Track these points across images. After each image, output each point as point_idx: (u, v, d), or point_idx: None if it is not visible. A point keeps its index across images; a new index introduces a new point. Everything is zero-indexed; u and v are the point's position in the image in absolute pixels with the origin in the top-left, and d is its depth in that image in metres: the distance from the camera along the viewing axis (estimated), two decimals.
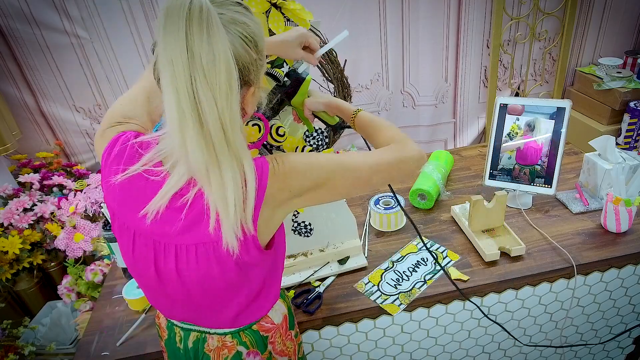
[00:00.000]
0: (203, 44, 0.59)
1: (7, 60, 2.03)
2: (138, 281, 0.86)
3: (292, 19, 0.99)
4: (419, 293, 1.18)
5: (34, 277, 1.91)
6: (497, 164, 1.43)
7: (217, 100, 0.61)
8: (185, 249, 0.74)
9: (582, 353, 1.47)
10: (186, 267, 0.75)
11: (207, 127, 0.63)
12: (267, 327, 0.88)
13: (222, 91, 0.62)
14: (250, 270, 0.78)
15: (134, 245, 0.77)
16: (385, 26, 2.26)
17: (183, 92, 0.61)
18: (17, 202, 1.81)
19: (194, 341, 0.88)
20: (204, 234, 0.72)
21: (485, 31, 2.35)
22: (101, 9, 1.99)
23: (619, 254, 1.23)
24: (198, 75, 0.60)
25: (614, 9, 2.43)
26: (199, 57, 0.59)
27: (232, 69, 0.62)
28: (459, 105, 2.56)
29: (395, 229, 1.41)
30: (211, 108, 0.61)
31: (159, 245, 0.75)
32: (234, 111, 0.64)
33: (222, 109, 0.62)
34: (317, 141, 1.08)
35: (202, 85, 0.60)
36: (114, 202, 0.77)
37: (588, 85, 2.44)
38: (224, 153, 0.65)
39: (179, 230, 0.73)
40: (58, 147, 2.25)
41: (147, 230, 0.75)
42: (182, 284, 0.77)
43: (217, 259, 0.73)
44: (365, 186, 0.83)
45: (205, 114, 0.62)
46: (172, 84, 0.61)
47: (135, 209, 0.74)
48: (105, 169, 0.77)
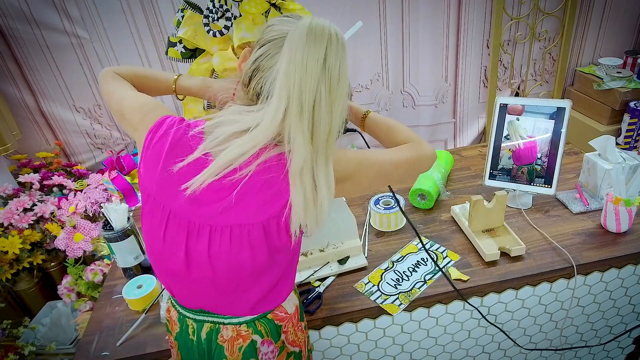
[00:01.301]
0: (337, 62, 0.73)
1: (7, 60, 2.03)
2: (160, 267, 0.86)
3: None
4: (419, 293, 1.18)
5: (34, 277, 1.91)
6: (497, 164, 1.43)
7: (333, 108, 0.72)
8: (220, 230, 0.77)
9: (582, 353, 1.47)
10: (218, 249, 0.77)
11: (318, 127, 0.72)
12: (281, 316, 0.89)
13: (340, 103, 0.73)
14: (278, 254, 0.81)
15: (167, 226, 0.79)
16: (385, 26, 2.26)
17: (307, 90, 0.70)
18: (17, 202, 1.81)
19: (208, 332, 0.88)
20: (240, 216, 0.76)
21: (485, 31, 2.35)
22: (101, 9, 1.99)
23: (619, 254, 1.23)
24: (325, 82, 0.71)
25: (614, 9, 2.43)
26: (330, 69, 0.72)
27: (347, 89, 0.75)
28: (459, 105, 2.56)
29: (395, 229, 1.41)
30: (328, 112, 0.72)
31: (192, 225, 0.77)
32: (341, 121, 0.75)
33: (335, 117, 0.73)
34: None
35: (325, 92, 0.71)
36: (153, 183, 0.78)
37: (588, 85, 2.44)
38: (322, 154, 0.73)
39: (216, 211, 0.76)
40: (58, 147, 2.25)
41: (184, 210, 0.77)
42: (210, 266, 0.79)
43: (250, 242, 0.77)
44: (385, 180, 0.91)
45: (321, 113, 0.71)
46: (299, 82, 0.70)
47: (175, 188, 0.76)
48: (148, 151, 0.79)
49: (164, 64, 2.18)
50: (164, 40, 2.10)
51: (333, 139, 0.75)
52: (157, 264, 0.87)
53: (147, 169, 0.80)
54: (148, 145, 0.80)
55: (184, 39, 1.15)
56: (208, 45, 1.14)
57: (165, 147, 0.77)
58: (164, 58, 2.15)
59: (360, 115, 1.04)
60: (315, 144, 0.72)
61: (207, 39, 1.13)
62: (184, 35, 1.13)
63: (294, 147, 0.72)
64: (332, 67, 0.72)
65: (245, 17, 0.95)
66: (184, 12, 1.14)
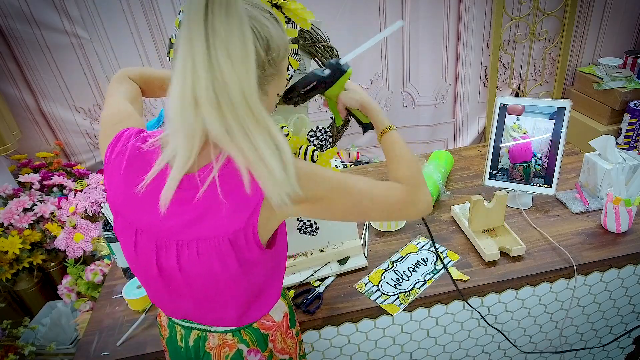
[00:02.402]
0: (222, 18, 0.60)
1: (7, 60, 2.03)
2: (140, 279, 0.86)
3: (293, 19, 0.99)
4: (419, 293, 1.18)
5: (34, 277, 1.91)
6: (497, 164, 1.43)
7: (236, 69, 0.62)
8: (187, 245, 0.74)
9: (582, 353, 1.47)
10: (188, 263, 0.75)
11: (228, 95, 0.63)
12: (267, 325, 0.88)
13: (240, 61, 0.62)
14: (252, 268, 0.77)
15: (136, 243, 0.77)
16: (385, 26, 2.26)
17: (203, 64, 0.61)
18: (17, 202, 1.81)
19: (195, 339, 0.88)
20: (206, 229, 0.72)
21: (485, 31, 2.35)
22: (101, 9, 1.99)
23: (619, 254, 1.23)
24: (218, 46, 0.61)
25: (614, 9, 2.43)
26: (218, 29, 0.60)
27: (247, 41, 0.63)
28: (459, 105, 2.56)
29: (395, 229, 1.41)
30: (230, 75, 0.62)
31: (160, 241, 0.75)
32: (252, 80, 0.64)
33: (241, 76, 0.62)
34: (320, 141, 1.08)
35: (222, 55, 0.61)
36: (118, 199, 0.77)
37: (588, 85, 2.44)
38: (250, 118, 0.64)
39: (180, 226, 0.73)
40: (58, 147, 2.25)
41: (151, 225, 0.75)
42: (185, 280, 0.77)
43: (219, 255, 0.73)
44: (361, 216, 0.81)
45: (225, 78, 0.62)
46: (189, 56, 0.62)
47: (139, 205, 0.74)
48: (109, 166, 0.77)
49: (164, 64, 2.18)
50: (164, 40, 2.10)
51: (255, 103, 0.65)
52: (137, 275, 0.85)
53: (110, 184, 0.77)
54: (108, 159, 0.77)
55: None
56: None
57: (124, 162, 0.75)
58: (164, 58, 2.15)
59: (381, 129, 0.94)
60: (230, 114, 0.64)
61: None
62: None
63: (208, 123, 0.64)
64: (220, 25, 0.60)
65: None
66: None
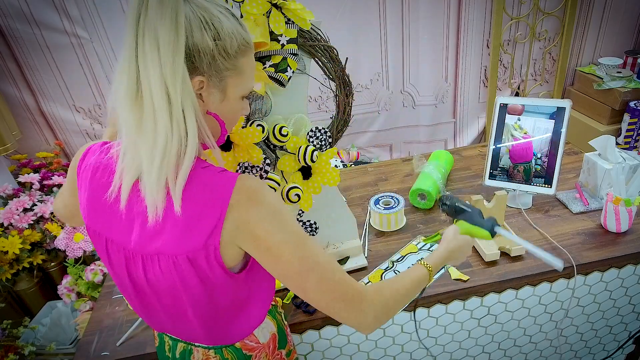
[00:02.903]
0: (154, 3, 0.59)
1: (7, 60, 2.03)
2: (121, 291, 0.84)
3: (292, 19, 0.99)
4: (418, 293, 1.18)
5: (34, 277, 1.91)
6: (497, 164, 1.43)
7: (160, 50, 0.60)
8: (150, 258, 0.71)
9: (582, 353, 1.47)
10: (153, 277, 0.72)
11: (147, 79, 0.61)
12: (251, 345, 0.85)
13: (166, 44, 0.60)
14: (216, 289, 0.73)
15: (108, 254, 0.76)
16: (385, 26, 2.26)
17: (129, 45, 0.61)
18: (17, 202, 1.81)
19: (181, 352, 0.87)
20: (166, 245, 0.68)
21: (485, 31, 2.35)
22: (101, 9, 1.99)
23: (619, 254, 1.23)
24: (147, 28, 0.59)
25: (614, 9, 2.43)
26: (150, 10, 0.59)
27: (179, 28, 0.60)
28: (459, 105, 2.56)
29: (395, 229, 1.41)
30: (154, 59, 0.60)
31: (128, 253, 0.73)
32: (177, 69, 0.61)
33: (164, 61, 0.60)
34: (320, 141, 1.08)
35: (148, 36, 0.59)
36: (85, 213, 0.76)
37: (588, 85, 2.44)
38: (162, 111, 0.61)
39: (144, 238, 0.70)
40: (58, 147, 2.25)
41: (118, 237, 0.73)
42: (155, 294, 0.75)
43: (179, 272, 0.70)
44: (298, 289, 0.71)
45: (147, 66, 0.60)
46: (123, 42, 0.62)
47: (106, 216, 0.73)
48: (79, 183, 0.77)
49: None
50: None
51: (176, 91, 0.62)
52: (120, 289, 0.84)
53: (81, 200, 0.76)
54: (79, 177, 0.77)
55: None
56: None
57: (89, 176, 0.74)
58: None
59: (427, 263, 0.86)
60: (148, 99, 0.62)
61: None
62: None
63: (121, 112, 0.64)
64: (150, 10, 0.59)
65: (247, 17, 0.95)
66: None
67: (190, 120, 0.64)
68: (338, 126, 1.23)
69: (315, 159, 1.07)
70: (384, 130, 2.59)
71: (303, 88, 1.10)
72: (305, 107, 1.13)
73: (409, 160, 1.76)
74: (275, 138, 1.04)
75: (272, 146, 1.08)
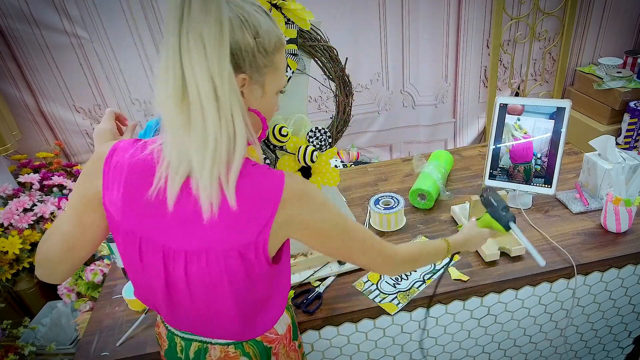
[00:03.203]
0: (199, 2, 0.59)
1: (7, 60, 2.03)
2: (143, 291, 0.84)
3: (292, 19, 0.99)
4: (418, 292, 1.18)
5: (34, 277, 1.91)
6: (497, 164, 1.43)
7: (207, 50, 0.60)
8: (196, 255, 0.72)
9: (582, 353, 1.47)
10: (195, 274, 0.73)
11: (194, 79, 0.61)
12: (271, 337, 0.87)
13: (213, 44, 0.60)
14: (258, 282, 0.77)
15: (141, 253, 0.75)
16: (385, 26, 2.26)
17: (173, 45, 0.60)
18: (17, 202, 1.81)
19: (195, 351, 0.87)
20: (215, 241, 0.70)
21: (485, 31, 2.35)
22: (101, 9, 1.99)
23: (619, 254, 1.23)
24: (191, 28, 0.59)
25: (614, 9, 2.43)
26: (193, 12, 0.59)
27: (224, 26, 0.61)
28: (459, 105, 2.56)
29: (395, 229, 1.41)
30: (200, 58, 0.60)
31: (168, 250, 0.73)
32: (224, 68, 0.62)
33: (211, 60, 0.60)
34: (320, 141, 1.08)
35: (193, 37, 0.59)
36: (117, 211, 0.74)
37: (588, 85, 2.44)
38: (211, 110, 0.62)
39: (189, 235, 0.71)
40: (58, 147, 2.25)
41: (156, 234, 0.73)
42: (191, 291, 0.76)
43: (227, 268, 0.72)
44: (347, 258, 0.87)
45: (193, 64, 0.60)
46: (165, 42, 0.61)
47: (143, 215, 0.72)
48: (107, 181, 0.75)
49: None
50: None
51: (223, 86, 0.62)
52: (140, 288, 0.84)
53: (110, 198, 0.75)
54: (107, 175, 0.75)
55: None
56: None
57: (124, 174, 0.72)
58: None
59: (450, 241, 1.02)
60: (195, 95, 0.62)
61: None
62: None
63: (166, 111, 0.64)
64: (195, 5, 0.59)
65: None
66: None
67: (238, 118, 0.65)
68: (338, 126, 1.23)
69: (315, 159, 1.07)
70: (384, 130, 2.59)
71: (303, 88, 1.11)
72: (305, 107, 1.13)
73: (409, 160, 1.77)
74: (275, 138, 1.04)
75: (272, 146, 1.08)
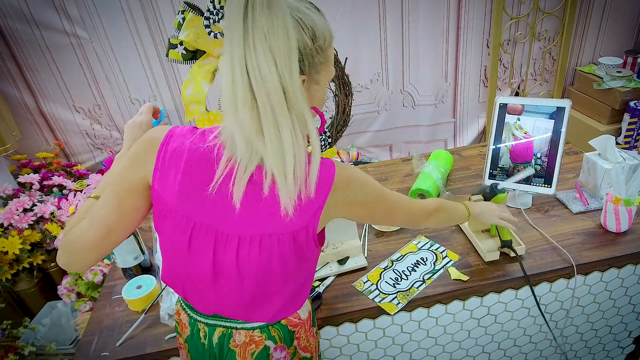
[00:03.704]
0: (263, 11, 0.61)
1: (7, 61, 2.03)
2: (182, 275, 0.84)
3: None
4: (418, 292, 1.18)
5: (34, 278, 1.92)
6: (496, 164, 1.43)
7: (277, 60, 0.62)
8: (249, 239, 0.76)
9: (582, 353, 1.47)
10: (247, 258, 0.76)
11: (264, 89, 0.63)
12: (294, 322, 0.89)
13: (282, 53, 0.62)
14: (305, 264, 0.82)
15: (191, 237, 0.77)
16: (385, 26, 2.26)
17: (239, 58, 0.62)
18: (17, 203, 1.81)
19: (220, 337, 0.88)
20: (270, 225, 0.74)
21: (485, 31, 2.35)
22: (101, 9, 1.99)
23: (618, 254, 1.23)
24: (257, 39, 0.61)
25: (614, 9, 2.43)
26: (259, 22, 0.61)
27: (290, 33, 0.63)
28: (458, 104, 2.56)
29: (395, 229, 1.41)
30: (270, 68, 0.62)
31: (220, 236, 0.76)
32: (294, 73, 0.64)
33: (282, 71, 0.63)
34: (320, 141, 1.08)
35: (261, 47, 0.61)
36: (172, 196, 0.76)
37: (588, 84, 2.44)
38: (284, 114, 0.65)
39: (245, 220, 0.74)
40: (58, 147, 2.25)
41: (211, 220, 0.76)
42: (239, 275, 0.79)
43: (280, 251, 0.76)
44: (389, 221, 1.07)
45: (264, 75, 0.62)
46: (228, 51, 0.63)
47: (199, 200, 0.75)
48: (164, 165, 0.76)
49: (164, 65, 2.18)
50: (164, 40, 2.10)
51: (295, 95, 0.65)
52: (177, 272, 0.85)
53: (164, 183, 0.76)
54: (163, 159, 0.76)
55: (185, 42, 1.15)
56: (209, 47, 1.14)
57: (183, 159, 0.75)
58: (164, 58, 2.15)
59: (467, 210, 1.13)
60: (267, 108, 0.64)
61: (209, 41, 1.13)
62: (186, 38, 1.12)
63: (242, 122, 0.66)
64: (260, 18, 0.61)
65: None
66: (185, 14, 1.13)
67: (310, 120, 0.68)
68: (338, 126, 1.23)
69: None
70: (384, 130, 2.59)
71: None
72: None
73: (409, 160, 1.76)
74: None
75: None
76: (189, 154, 0.75)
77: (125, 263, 1.30)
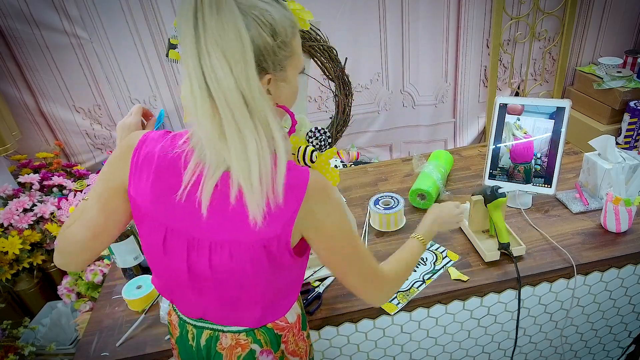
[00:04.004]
0: (212, 16, 0.59)
1: (7, 61, 2.03)
2: (163, 279, 0.85)
3: None
4: (418, 292, 1.18)
5: (34, 278, 1.92)
6: (496, 164, 1.43)
7: (231, 65, 0.61)
8: (220, 246, 0.74)
9: (582, 353, 1.47)
10: (219, 263, 0.75)
11: (222, 95, 0.62)
12: (281, 325, 0.88)
13: (235, 57, 0.61)
14: (282, 272, 0.79)
15: (165, 242, 0.77)
16: (385, 26, 2.26)
17: (193, 65, 0.61)
18: (17, 203, 1.81)
19: (207, 339, 0.88)
20: (240, 232, 0.72)
21: (485, 31, 2.35)
22: (101, 9, 1.99)
23: (618, 254, 1.23)
24: (210, 44, 0.60)
25: (614, 9, 2.43)
26: (209, 27, 0.60)
27: (243, 36, 0.61)
28: (458, 104, 2.56)
29: (395, 228, 1.41)
30: (226, 73, 0.61)
31: (193, 240, 0.75)
32: (251, 76, 0.63)
33: (238, 75, 0.62)
34: (319, 141, 1.08)
35: (214, 52, 0.60)
36: (146, 201, 0.76)
37: (588, 84, 2.44)
38: (244, 118, 0.63)
39: (215, 226, 0.73)
40: (58, 147, 2.25)
41: (182, 227, 0.75)
42: (215, 280, 0.78)
43: (251, 259, 0.74)
44: (340, 272, 0.83)
45: (219, 81, 0.61)
46: (184, 57, 0.62)
47: (170, 206, 0.74)
48: (135, 171, 0.76)
49: (164, 65, 2.18)
50: (164, 40, 2.10)
51: (255, 100, 0.64)
52: (159, 276, 0.86)
53: (137, 189, 0.76)
54: (136, 165, 0.76)
55: None
56: None
57: (153, 165, 0.74)
58: (164, 58, 2.15)
59: (417, 235, 1.00)
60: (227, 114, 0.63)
61: None
62: None
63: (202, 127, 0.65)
64: (210, 23, 0.60)
65: None
66: None
67: (273, 121, 0.66)
68: (338, 126, 1.23)
69: (314, 159, 1.07)
70: (384, 130, 2.59)
71: (302, 88, 1.10)
72: (304, 107, 1.13)
73: (409, 160, 1.76)
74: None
75: None
76: (158, 160, 0.74)
77: (125, 263, 1.30)
